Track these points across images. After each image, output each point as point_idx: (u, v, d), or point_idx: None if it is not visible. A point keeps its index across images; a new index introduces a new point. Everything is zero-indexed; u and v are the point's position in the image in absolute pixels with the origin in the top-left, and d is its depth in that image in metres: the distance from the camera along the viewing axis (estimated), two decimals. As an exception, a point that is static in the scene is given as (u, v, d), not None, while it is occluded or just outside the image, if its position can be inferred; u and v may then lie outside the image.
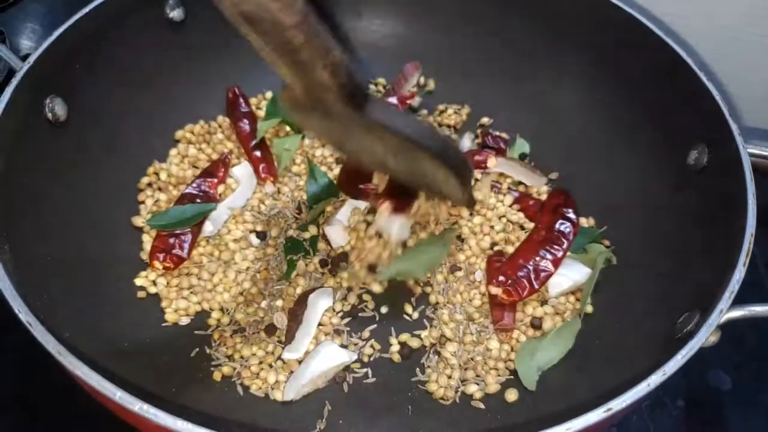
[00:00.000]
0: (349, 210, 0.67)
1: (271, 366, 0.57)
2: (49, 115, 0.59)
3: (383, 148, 0.45)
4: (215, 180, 0.68)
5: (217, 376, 0.56)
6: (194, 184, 0.68)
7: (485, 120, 0.76)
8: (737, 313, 0.47)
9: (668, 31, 0.63)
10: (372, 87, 0.78)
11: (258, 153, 0.71)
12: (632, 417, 0.68)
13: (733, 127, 0.56)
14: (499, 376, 0.57)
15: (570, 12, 0.69)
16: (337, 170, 0.71)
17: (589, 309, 0.61)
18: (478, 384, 0.57)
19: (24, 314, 0.42)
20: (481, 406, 0.56)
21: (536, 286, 0.61)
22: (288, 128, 0.74)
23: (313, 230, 0.66)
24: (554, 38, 0.72)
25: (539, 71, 0.73)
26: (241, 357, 0.57)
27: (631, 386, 0.41)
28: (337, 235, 0.65)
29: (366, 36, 0.78)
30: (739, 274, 0.47)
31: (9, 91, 0.54)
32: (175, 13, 0.69)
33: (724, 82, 0.71)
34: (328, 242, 0.65)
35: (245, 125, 0.72)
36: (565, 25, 0.70)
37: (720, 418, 0.68)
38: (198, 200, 0.66)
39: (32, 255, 0.52)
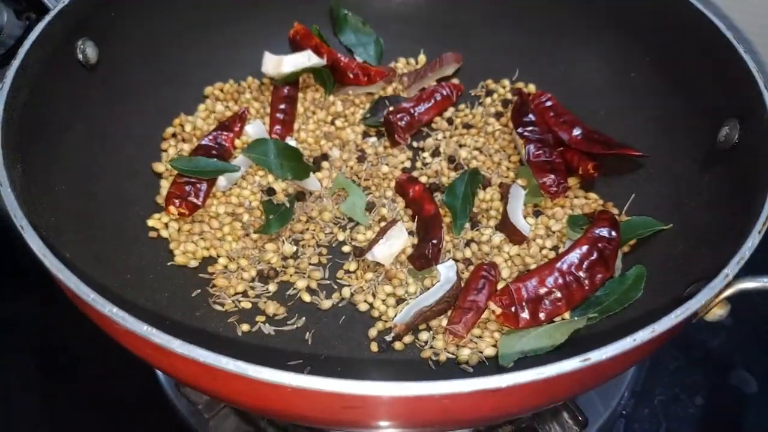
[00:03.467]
0: None
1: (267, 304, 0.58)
2: (80, 56, 0.60)
3: None
4: (231, 134, 0.69)
5: (215, 314, 0.57)
6: (210, 137, 0.68)
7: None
8: (750, 284, 0.44)
9: (707, 3, 0.60)
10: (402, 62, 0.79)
11: (280, 115, 0.71)
12: (643, 411, 0.65)
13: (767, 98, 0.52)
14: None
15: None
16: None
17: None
18: (471, 349, 0.55)
19: (18, 219, 0.43)
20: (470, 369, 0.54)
21: (542, 318, 0.54)
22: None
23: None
24: (589, 15, 0.70)
25: (571, 47, 0.71)
26: (241, 301, 0.58)
27: (616, 340, 0.38)
28: None
29: (398, 9, 0.80)
30: (752, 241, 0.44)
31: (40, 26, 0.56)
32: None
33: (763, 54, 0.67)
34: None
35: None
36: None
37: (740, 421, 0.64)
38: (213, 152, 0.67)
39: (45, 180, 0.53)
